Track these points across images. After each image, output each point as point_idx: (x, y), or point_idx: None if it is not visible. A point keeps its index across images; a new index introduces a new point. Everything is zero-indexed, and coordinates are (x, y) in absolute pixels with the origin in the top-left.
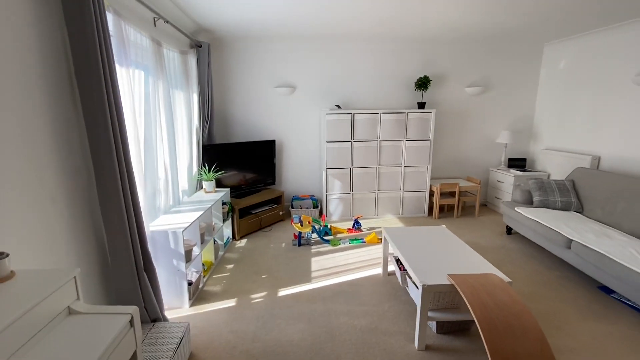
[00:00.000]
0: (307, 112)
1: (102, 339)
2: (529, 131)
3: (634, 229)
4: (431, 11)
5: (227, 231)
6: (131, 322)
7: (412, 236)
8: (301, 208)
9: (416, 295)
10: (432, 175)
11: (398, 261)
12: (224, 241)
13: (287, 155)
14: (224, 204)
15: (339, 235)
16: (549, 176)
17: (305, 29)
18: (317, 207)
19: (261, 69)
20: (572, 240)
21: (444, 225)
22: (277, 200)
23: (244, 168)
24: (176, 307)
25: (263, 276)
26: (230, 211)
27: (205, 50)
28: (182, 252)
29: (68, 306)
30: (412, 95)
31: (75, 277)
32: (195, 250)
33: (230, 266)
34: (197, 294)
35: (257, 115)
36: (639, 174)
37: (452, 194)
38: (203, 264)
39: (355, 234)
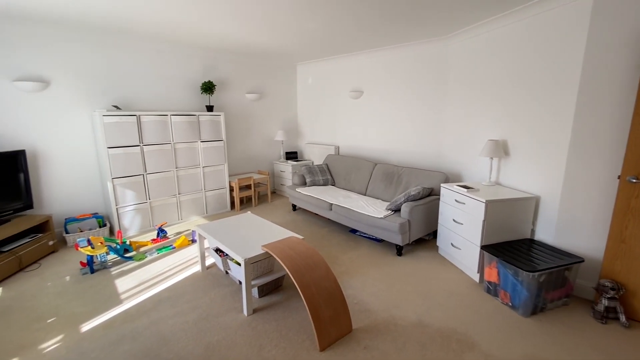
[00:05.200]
0: (72, 113)
1: None
2: (296, 130)
3: (360, 189)
4: (214, 27)
5: None
6: None
7: (224, 226)
8: (81, 231)
9: (239, 271)
10: (229, 172)
11: (217, 250)
12: None
13: (49, 168)
14: None
15: (142, 249)
16: (312, 163)
17: (57, 12)
18: (104, 225)
19: None
20: (332, 204)
21: (249, 212)
22: (42, 227)
23: None
24: None
25: (50, 320)
26: None
27: None
28: None
29: None
30: (199, 99)
31: None
32: None
33: None
34: None
35: None
36: (358, 155)
37: (248, 187)
38: None
39: (162, 242)
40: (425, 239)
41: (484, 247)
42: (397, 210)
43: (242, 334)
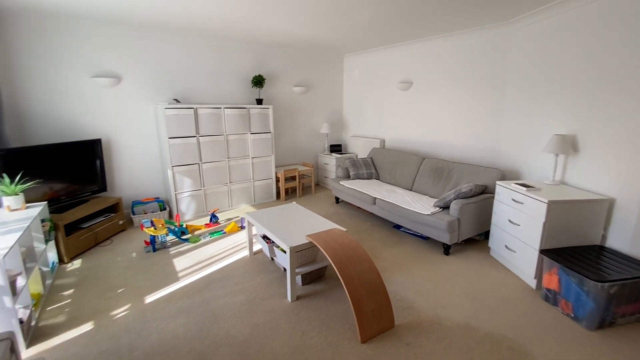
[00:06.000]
0: (139, 106)
1: None
2: (341, 123)
3: (406, 184)
4: (264, 21)
5: (51, 255)
6: (12, 348)
7: (271, 215)
8: (145, 213)
9: (284, 258)
10: (276, 164)
11: (264, 237)
12: (50, 267)
13: (120, 155)
14: (42, 221)
15: (197, 232)
16: (356, 156)
17: (131, 14)
18: (164, 209)
19: (72, 54)
20: (376, 198)
21: (294, 202)
22: (114, 208)
23: (61, 175)
24: None
25: (120, 290)
26: (53, 229)
27: None
28: (6, 284)
29: None
30: (250, 92)
31: None
32: (20, 282)
33: (69, 292)
34: (32, 333)
35: (71, 110)
36: (405, 148)
37: (293, 178)
38: (31, 297)
39: (214, 227)
40: (476, 239)
41: (543, 252)
42: (445, 207)
43: (285, 319)
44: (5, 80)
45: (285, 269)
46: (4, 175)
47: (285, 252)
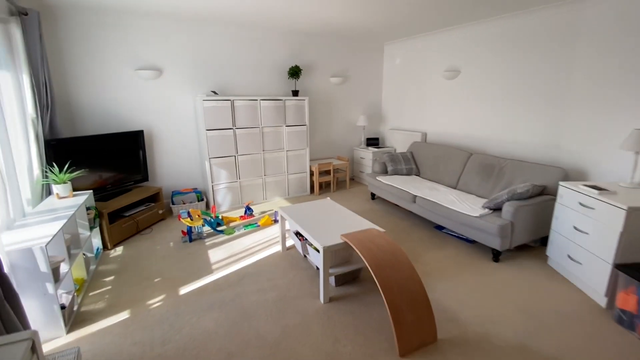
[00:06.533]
0: (179, 99)
1: None
2: (379, 115)
3: (450, 182)
4: (304, 7)
5: (96, 241)
6: (33, 349)
7: (305, 211)
8: (184, 203)
9: (317, 257)
10: (310, 157)
11: (297, 234)
12: (94, 253)
13: (160, 147)
14: (88, 209)
15: (232, 224)
16: (395, 150)
17: (171, 5)
18: (202, 199)
19: (117, 47)
20: (416, 196)
21: (328, 198)
22: (154, 197)
23: (106, 165)
24: (50, 338)
25: (156, 280)
26: (97, 217)
27: (35, 20)
28: (48, 271)
29: None
30: (286, 83)
31: None
32: (64, 267)
33: (109, 278)
34: (74, 318)
35: (116, 102)
36: (449, 143)
37: (327, 172)
38: (74, 283)
39: (249, 219)
40: (531, 245)
41: (619, 267)
42: (496, 209)
43: (317, 322)
44: (58, 74)
45: (317, 268)
46: (54, 164)
47: (318, 251)
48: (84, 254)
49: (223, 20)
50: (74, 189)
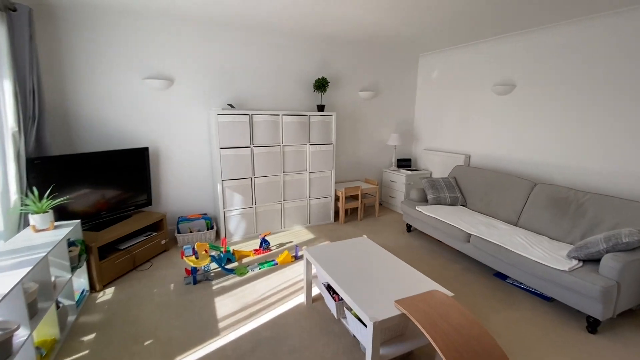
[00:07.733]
0: (190, 112)
1: None
2: (411, 133)
3: (507, 217)
4: (331, 9)
5: (81, 281)
6: None
7: (335, 254)
8: (191, 232)
9: (361, 331)
10: (335, 180)
11: (329, 288)
12: (77, 298)
13: (167, 166)
14: (71, 244)
15: (245, 261)
16: (431, 174)
17: (184, 7)
18: (212, 227)
19: (122, 52)
20: (471, 234)
21: (365, 236)
22: (157, 225)
23: (102, 188)
24: None
25: (147, 342)
26: (85, 252)
27: (25, 18)
28: None
29: None
30: (311, 97)
31: None
32: (21, 334)
33: (90, 337)
34: None
35: (119, 114)
36: (502, 168)
37: (354, 197)
38: (38, 348)
39: (265, 254)
40: (634, 309)
41: None
42: (587, 260)
43: None
44: (53, 82)
45: (355, 337)
46: (34, 188)
47: (363, 323)
48: (58, 305)
49: (243, 24)
50: (62, 216)
